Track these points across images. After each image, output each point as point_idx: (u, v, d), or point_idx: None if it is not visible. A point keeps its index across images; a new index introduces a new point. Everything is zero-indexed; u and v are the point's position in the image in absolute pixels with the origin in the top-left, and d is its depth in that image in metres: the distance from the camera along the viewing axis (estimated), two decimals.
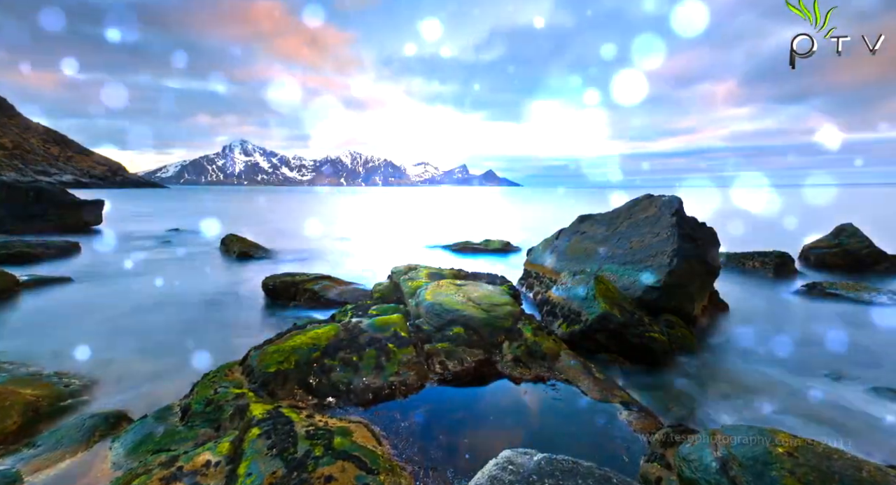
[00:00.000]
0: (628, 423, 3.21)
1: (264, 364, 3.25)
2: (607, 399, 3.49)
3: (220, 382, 3.17)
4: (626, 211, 6.92)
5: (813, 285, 7.36)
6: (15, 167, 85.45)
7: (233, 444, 2.40)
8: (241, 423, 2.67)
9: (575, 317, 4.80)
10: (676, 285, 5.29)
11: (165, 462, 2.25)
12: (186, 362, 4.12)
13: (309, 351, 3.46)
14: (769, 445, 1.88)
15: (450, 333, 4.26)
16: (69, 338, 4.62)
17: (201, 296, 6.79)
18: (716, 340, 5.00)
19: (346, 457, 2.30)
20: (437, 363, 3.86)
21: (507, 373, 3.90)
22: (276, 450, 2.32)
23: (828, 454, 1.84)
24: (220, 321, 5.55)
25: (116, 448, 2.56)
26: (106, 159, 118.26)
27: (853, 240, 9.36)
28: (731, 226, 15.32)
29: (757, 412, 3.47)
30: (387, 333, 3.98)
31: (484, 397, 3.59)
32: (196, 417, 2.80)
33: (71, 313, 5.76)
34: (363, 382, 3.38)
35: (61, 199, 15.45)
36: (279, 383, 3.14)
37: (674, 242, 5.55)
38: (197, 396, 3.00)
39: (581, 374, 3.84)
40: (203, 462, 2.27)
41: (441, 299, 4.78)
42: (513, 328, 4.42)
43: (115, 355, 4.22)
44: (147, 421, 2.77)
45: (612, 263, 6.19)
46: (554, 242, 7.83)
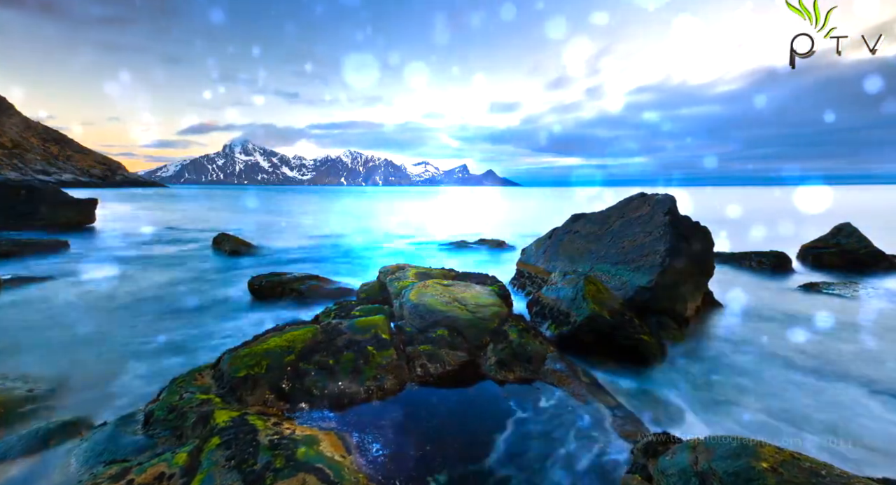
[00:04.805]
0: (613, 428, 3.09)
1: (234, 368, 3.13)
2: (593, 403, 3.37)
3: (188, 387, 3.04)
4: (618, 210, 6.79)
5: (810, 285, 7.24)
6: (14, 166, 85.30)
7: (190, 455, 2.28)
8: (203, 431, 2.54)
9: (563, 318, 4.68)
10: (668, 286, 5.16)
11: (115, 475, 2.13)
12: (160, 366, 3.99)
13: (282, 354, 3.33)
14: (752, 459, 1.75)
15: (433, 334, 4.13)
16: (42, 339, 4.50)
17: (186, 296, 6.66)
18: (708, 342, 4.88)
19: (308, 469, 2.18)
20: (419, 366, 3.74)
21: (491, 376, 3.78)
22: (235, 462, 2.19)
23: (815, 470, 1.71)
24: (201, 322, 5.42)
25: (71, 458, 2.44)
26: (105, 158, 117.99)
27: (851, 240, 9.23)
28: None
29: (746, 416, 3.36)
30: (367, 336, 3.85)
31: (465, 400, 3.48)
32: (158, 424, 2.67)
33: (48, 313, 5.63)
34: (338, 386, 3.25)
35: (53, 197, 15.32)
36: (248, 389, 3.01)
37: (666, 242, 5.43)
38: (161, 402, 2.87)
39: (567, 377, 3.72)
40: (156, 475, 2.14)
41: (426, 300, 4.66)
42: (499, 330, 4.30)
43: (88, 358, 4.10)
44: (106, 429, 2.65)
45: (604, 263, 6.06)
46: (547, 241, 7.70)
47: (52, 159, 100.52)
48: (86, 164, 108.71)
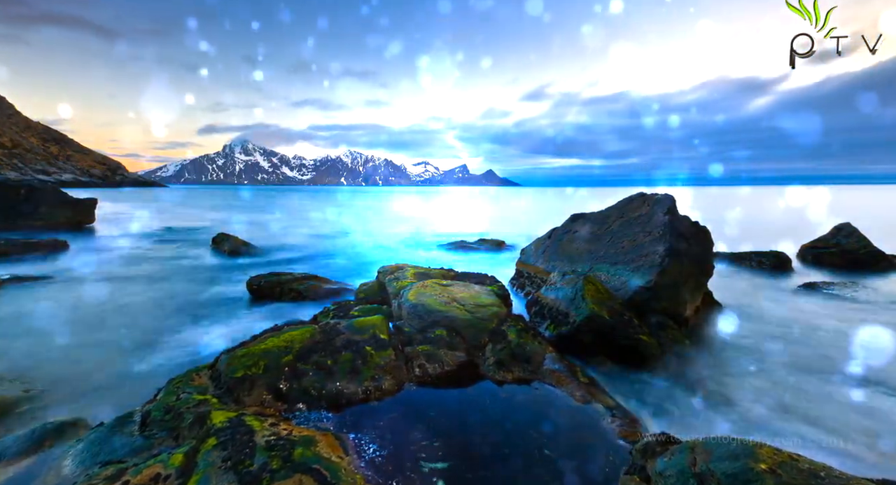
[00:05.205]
0: (612, 429, 3.08)
1: (231, 369, 3.12)
2: (591, 404, 3.36)
3: (185, 387, 3.03)
4: (618, 210, 6.77)
5: (810, 285, 7.23)
6: (14, 166, 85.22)
7: (186, 455, 2.27)
8: (200, 432, 2.53)
9: (562, 318, 4.67)
10: (668, 286, 5.14)
11: (111, 476, 2.12)
12: (158, 366, 3.98)
13: (280, 355, 3.32)
14: (751, 461, 1.74)
15: (432, 335, 4.12)
16: (40, 340, 4.49)
17: (185, 296, 6.65)
18: (707, 342, 4.87)
19: (304, 470, 2.17)
20: (417, 367, 3.72)
21: (490, 376, 3.77)
22: (231, 463, 2.18)
23: (813, 471, 1.70)
24: (199, 322, 5.41)
25: (66, 459, 2.42)
26: (105, 158, 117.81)
27: (851, 239, 9.22)
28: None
29: (745, 417, 3.35)
30: (365, 336, 3.84)
31: (464, 400, 3.46)
32: (155, 425, 2.66)
33: (46, 314, 5.61)
34: (336, 387, 3.24)
35: (53, 197, 15.31)
36: (245, 390, 3.00)
37: (666, 242, 5.41)
38: (158, 402, 2.86)
39: (566, 377, 3.71)
40: (152, 476, 2.13)
41: (424, 300, 4.64)
42: (497, 330, 4.29)
43: (85, 358, 4.09)
44: (102, 430, 2.63)
45: (603, 263, 6.05)
46: (546, 241, 7.69)
47: (52, 159, 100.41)
48: (86, 164, 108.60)
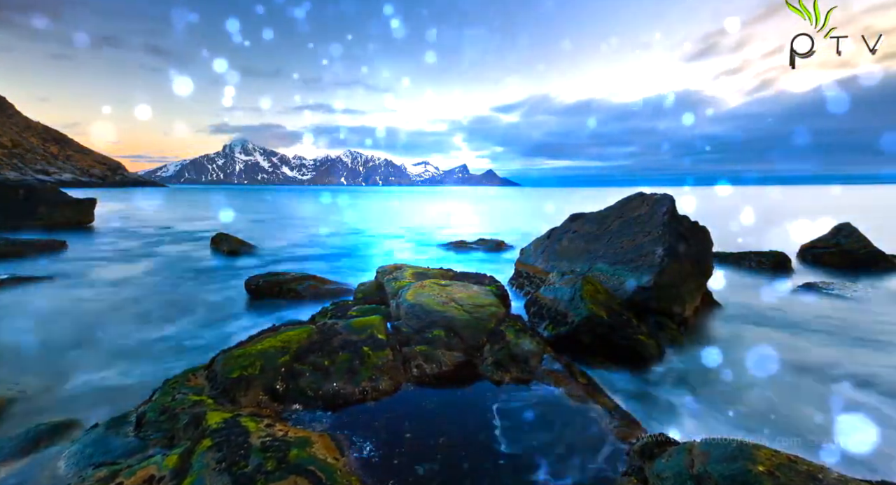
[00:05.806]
0: (610, 430, 3.06)
1: (227, 369, 3.10)
2: (589, 404, 3.34)
3: (181, 388, 3.02)
4: (617, 210, 6.76)
5: (810, 285, 7.21)
6: (14, 166, 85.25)
7: (181, 457, 2.25)
8: (195, 433, 2.52)
9: (561, 318, 4.65)
10: (667, 286, 5.13)
11: (105, 478, 2.10)
12: (155, 366, 3.96)
13: (277, 355, 3.31)
14: (749, 463, 1.72)
15: (430, 335, 4.10)
16: (38, 340, 4.48)
17: (183, 296, 6.64)
18: (707, 342, 4.85)
19: (299, 471, 2.16)
20: (415, 367, 3.71)
21: (488, 376, 3.75)
22: (226, 464, 2.17)
23: (811, 473, 1.69)
24: (197, 322, 5.40)
25: (60, 460, 2.41)
26: (105, 158, 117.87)
27: (851, 239, 9.20)
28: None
29: (744, 418, 3.33)
30: (363, 336, 3.82)
31: (461, 401, 3.45)
32: (150, 426, 2.65)
33: (45, 314, 5.61)
34: (333, 387, 3.23)
35: (52, 197, 15.31)
36: (242, 390, 2.99)
37: (665, 242, 5.40)
38: (154, 403, 2.85)
39: (564, 377, 3.69)
40: (146, 478, 2.12)
41: (422, 300, 4.63)
42: (496, 330, 4.27)
43: (82, 358, 4.08)
44: (97, 431, 2.62)
45: (602, 263, 6.03)
46: (545, 241, 7.68)
47: (52, 159, 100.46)
48: (85, 164, 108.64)
